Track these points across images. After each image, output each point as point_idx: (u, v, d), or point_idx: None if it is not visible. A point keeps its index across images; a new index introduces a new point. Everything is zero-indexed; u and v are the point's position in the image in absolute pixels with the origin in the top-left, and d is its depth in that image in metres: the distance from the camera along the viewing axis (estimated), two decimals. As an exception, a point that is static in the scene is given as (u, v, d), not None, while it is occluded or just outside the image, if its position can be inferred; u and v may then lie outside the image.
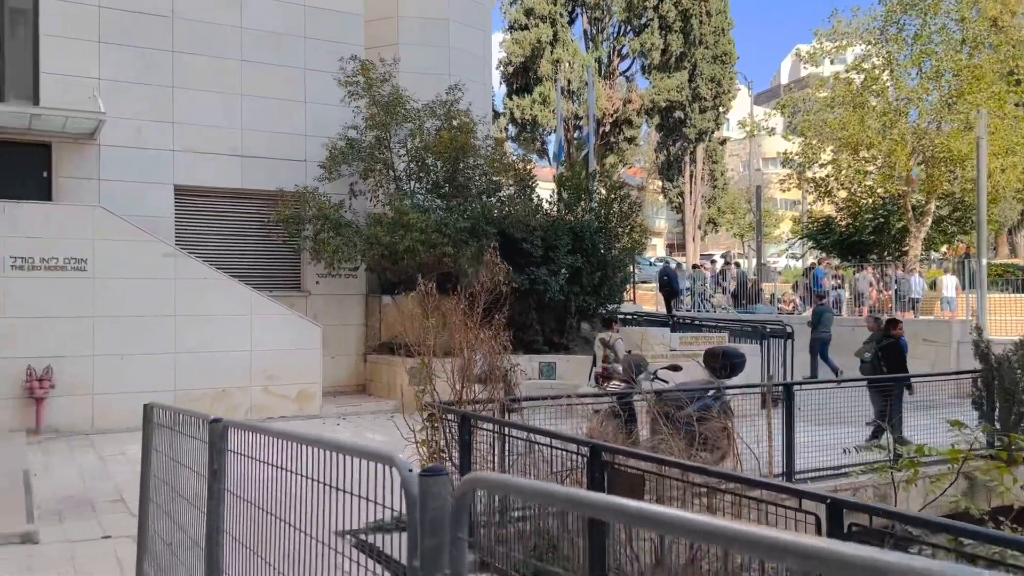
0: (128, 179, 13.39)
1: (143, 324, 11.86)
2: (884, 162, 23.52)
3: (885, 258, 25.00)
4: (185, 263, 12.22)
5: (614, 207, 15.48)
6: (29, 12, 12.70)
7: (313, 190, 13.83)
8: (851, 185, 25.40)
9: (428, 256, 13.06)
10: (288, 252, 14.78)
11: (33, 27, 12.69)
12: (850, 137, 23.21)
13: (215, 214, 14.32)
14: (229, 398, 12.44)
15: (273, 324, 12.83)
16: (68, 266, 11.42)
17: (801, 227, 29.76)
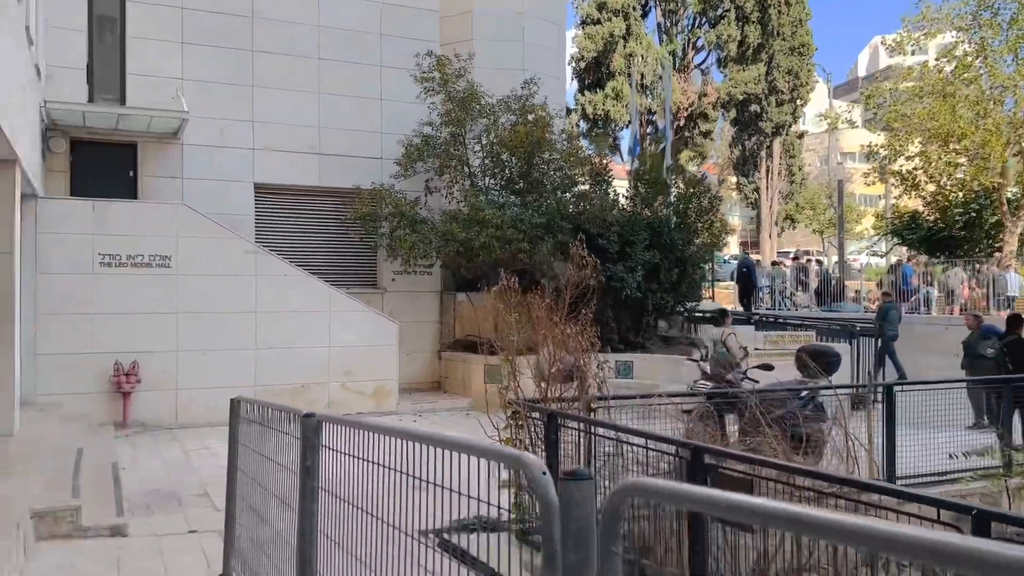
0: (210, 177, 13.61)
1: (225, 320, 12.01)
2: (976, 153, 22.37)
3: (976, 254, 23.78)
4: (266, 260, 12.34)
5: (693, 202, 15.04)
6: (116, 16, 13.02)
7: (389, 187, 13.83)
8: (940, 178, 24.25)
9: (503, 252, 12.89)
10: (365, 249, 14.82)
11: (120, 29, 13.01)
12: (940, 128, 22.15)
13: (294, 212, 14.45)
14: (308, 393, 12.50)
15: (351, 321, 12.85)
16: (153, 263, 11.64)
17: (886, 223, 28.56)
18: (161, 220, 11.70)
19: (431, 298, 15.23)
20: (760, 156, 38.05)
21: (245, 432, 5.37)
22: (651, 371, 14.20)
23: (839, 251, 28.01)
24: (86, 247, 11.27)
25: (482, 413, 13.49)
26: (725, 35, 32.21)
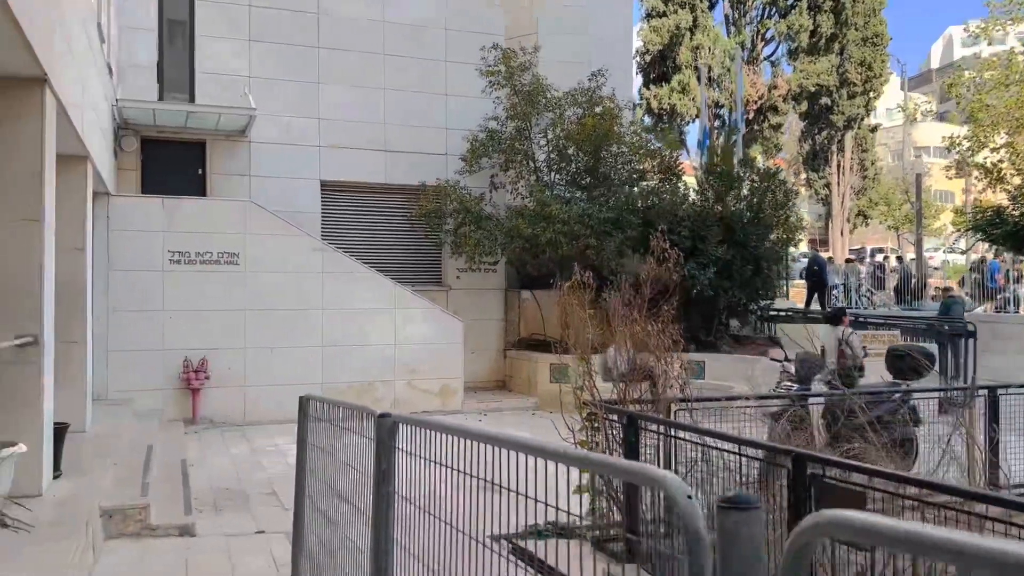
0: (276, 175, 13.63)
1: (291, 317, 11.97)
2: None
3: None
4: (332, 257, 12.26)
5: (767, 196, 14.46)
6: (185, 15, 13.12)
7: (454, 183, 13.64)
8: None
9: (570, 248, 12.57)
10: (429, 246, 14.67)
11: (189, 28, 13.11)
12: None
13: (359, 209, 14.39)
14: (373, 392, 12.39)
15: (416, 318, 12.70)
16: (221, 260, 11.66)
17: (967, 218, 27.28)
18: (229, 217, 11.72)
19: (495, 296, 15.00)
20: (831, 151, 36.84)
21: (314, 431, 5.18)
22: (723, 372, 13.69)
23: (917, 248, 26.86)
24: (156, 244, 11.35)
25: (548, 412, 13.21)
26: (797, 25, 31.19)
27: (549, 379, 13.29)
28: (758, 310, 15.68)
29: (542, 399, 13.33)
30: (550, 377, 13.29)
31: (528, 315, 14.99)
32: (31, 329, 5.40)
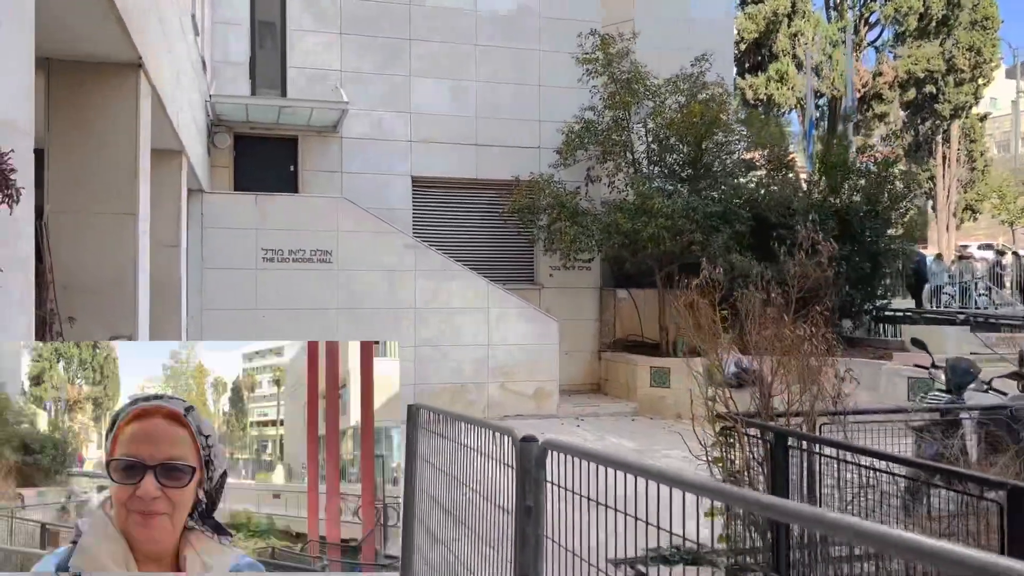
0: (367, 171, 13.35)
1: (383, 316, 11.64)
2: None
3: None
4: (425, 255, 11.87)
5: (886, 187, 13.40)
6: (277, 10, 12.95)
7: (548, 177, 13.08)
8: None
9: (673, 244, 11.84)
10: (522, 243, 14.15)
11: (280, 23, 12.92)
12: None
13: (450, 205, 13.98)
14: (465, 394, 11.96)
15: (510, 318, 12.20)
16: (314, 258, 11.40)
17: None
18: (322, 214, 11.45)
19: (590, 295, 14.37)
20: (935, 141, 34.78)
21: (425, 444, 4.70)
22: (838, 376, 12.71)
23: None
24: (250, 242, 11.16)
25: (648, 418, 12.54)
26: (905, 7, 29.44)
27: (649, 383, 12.61)
28: (873, 310, 14.61)
29: (641, 404, 12.65)
30: (650, 381, 12.61)
31: (624, 315, 14.32)
32: (125, 328, 5.08)
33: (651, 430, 11.26)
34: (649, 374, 12.63)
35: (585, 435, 10.83)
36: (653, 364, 12.63)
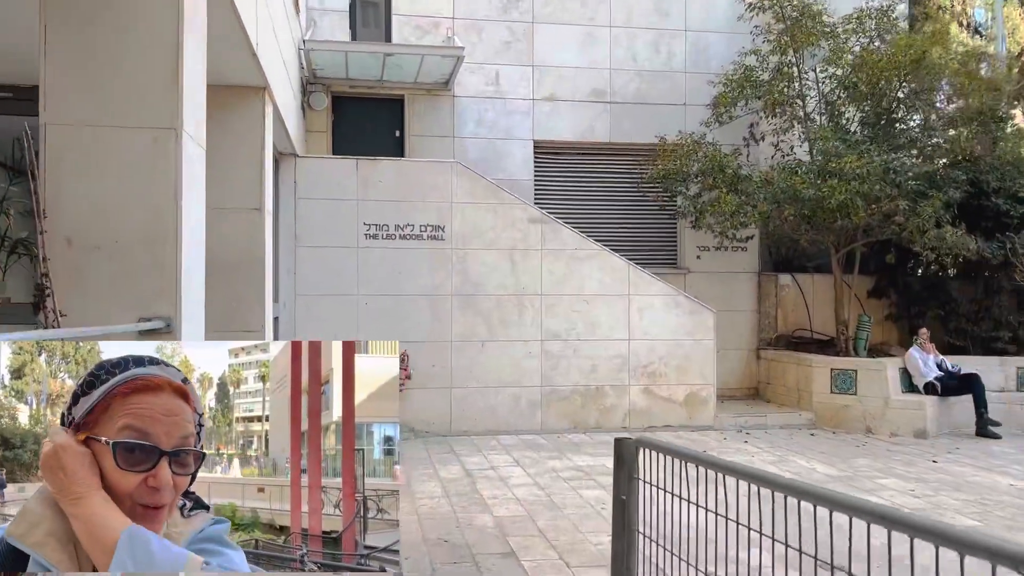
0: (483, 135, 11.44)
1: (505, 304, 9.70)
2: None
3: None
4: (554, 231, 9.86)
5: None
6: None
7: (700, 137, 10.82)
8: None
9: (868, 215, 9.42)
10: (662, 219, 11.96)
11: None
12: None
13: (577, 174, 11.91)
14: (602, 399, 9.89)
15: (656, 307, 10.05)
16: (424, 234, 9.56)
17: None
18: (433, 182, 9.60)
19: (746, 281, 12.04)
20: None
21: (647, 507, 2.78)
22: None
23: None
24: (349, 215, 9.42)
25: (831, 432, 10.16)
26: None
27: (829, 388, 10.23)
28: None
29: (818, 414, 10.29)
30: (831, 386, 10.22)
31: (788, 306, 11.93)
32: (161, 308, 3.24)
33: (840, 448, 8.92)
34: (829, 378, 10.24)
35: (756, 453, 8.58)
36: (835, 365, 10.24)
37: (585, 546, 5.46)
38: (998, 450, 8.87)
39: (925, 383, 10.06)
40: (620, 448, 2.98)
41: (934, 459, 8.34)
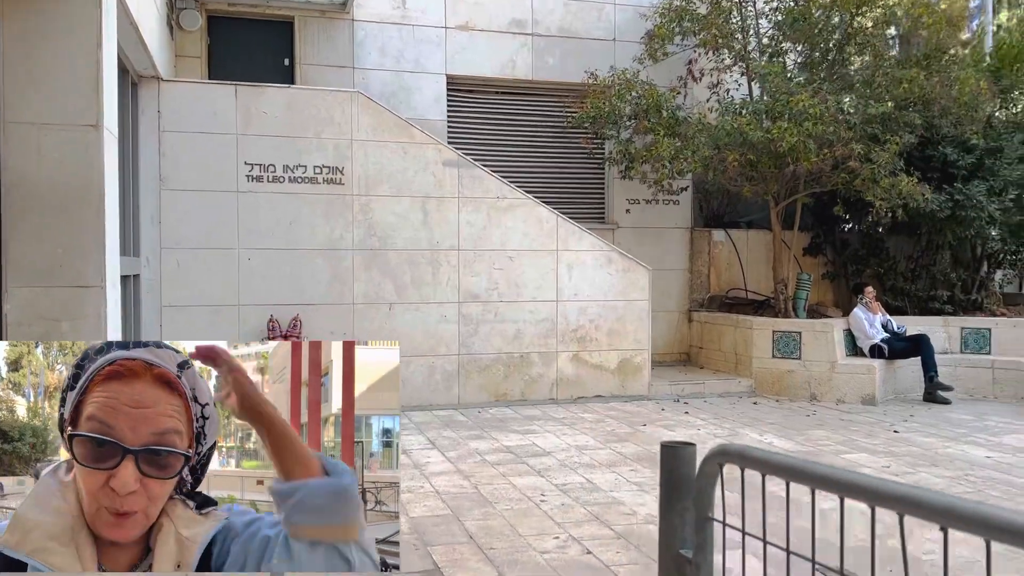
0: (387, 67, 9.96)
1: (416, 261, 8.36)
2: None
3: None
4: (473, 177, 8.55)
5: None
6: None
7: (633, 75, 9.68)
8: None
9: (820, 159, 8.52)
10: (589, 169, 10.83)
11: None
12: None
13: (495, 115, 10.59)
14: (528, 368, 8.72)
15: (586, 265, 8.93)
16: (319, 177, 8.09)
17: None
18: (330, 115, 8.10)
19: (678, 237, 11.07)
20: None
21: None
22: (1014, 344, 9.54)
23: None
24: (227, 153, 7.83)
25: (775, 399, 9.31)
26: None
27: (772, 352, 9.39)
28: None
29: (759, 380, 9.46)
30: (773, 350, 9.38)
31: (721, 264, 11.05)
32: None
33: (791, 418, 8.07)
34: (771, 341, 9.40)
35: (702, 426, 7.62)
36: (778, 328, 9.40)
37: (529, 555, 4.28)
38: (955, 417, 8.21)
39: (871, 345, 9.36)
40: (675, 462, 1.71)
41: (894, 429, 7.58)
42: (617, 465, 6.17)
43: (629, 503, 5.20)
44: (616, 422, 7.81)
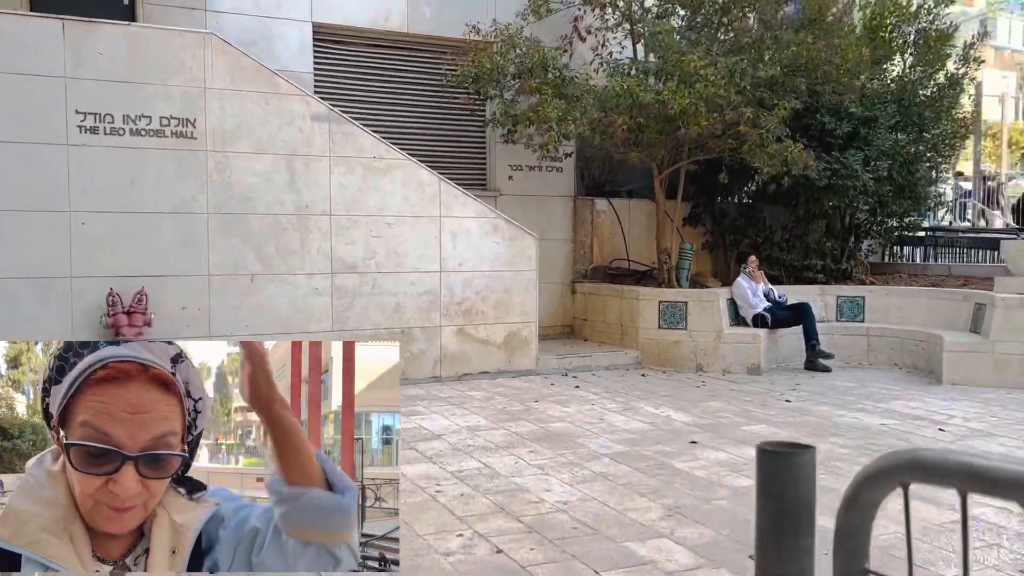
0: (245, 10, 8.92)
1: (282, 226, 7.49)
2: None
3: None
4: (346, 134, 7.74)
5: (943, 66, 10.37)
6: None
7: (517, 30, 9.10)
8: None
9: (710, 123, 8.27)
10: (470, 132, 10.21)
11: None
12: None
13: (367, 71, 9.75)
14: (409, 344, 8.06)
15: (472, 232, 8.34)
16: (167, 129, 7.05)
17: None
18: (179, 59, 7.06)
19: (561, 206, 10.64)
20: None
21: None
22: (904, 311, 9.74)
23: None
24: (54, 99, 6.67)
25: (661, 371, 9.08)
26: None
27: (658, 323, 9.15)
28: (897, 229, 11.73)
29: (645, 351, 9.22)
30: (659, 321, 9.15)
31: (604, 234, 10.74)
32: None
33: (682, 390, 7.83)
34: (658, 312, 9.15)
35: (595, 401, 7.24)
36: (664, 298, 9.16)
37: (432, 558, 3.68)
38: (839, 384, 8.23)
39: (754, 315, 9.30)
40: (788, 474, 1.12)
41: (786, 399, 7.47)
42: (515, 447, 5.65)
43: (534, 489, 4.69)
44: (506, 399, 7.30)
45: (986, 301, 8.34)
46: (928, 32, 10.34)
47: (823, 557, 1.18)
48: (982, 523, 4.08)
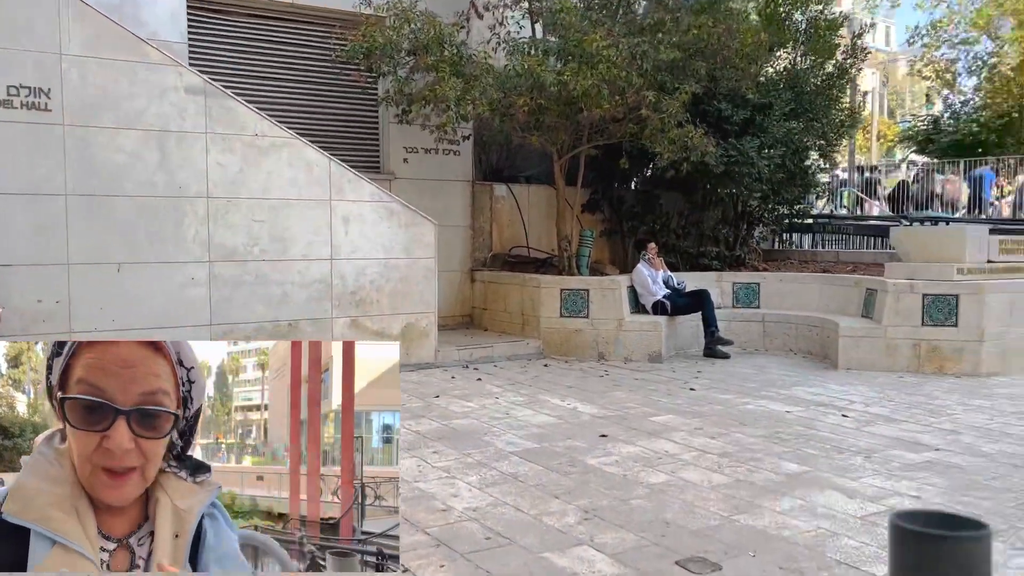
0: (110, -28, 8.06)
1: (154, 210, 6.78)
2: None
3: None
4: (225, 109, 7.08)
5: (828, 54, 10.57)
6: None
7: (411, 4, 8.62)
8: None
9: (612, 106, 8.06)
10: (362, 112, 9.66)
11: None
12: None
13: (248, 43, 9.05)
14: (297, 337, 7.49)
15: (365, 217, 7.84)
16: (16, 100, 6.23)
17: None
18: (30, 19, 6.24)
19: (458, 191, 10.24)
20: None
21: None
22: (798, 297, 9.87)
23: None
24: None
25: (564, 361, 8.84)
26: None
27: (559, 312, 8.93)
28: (788, 216, 11.98)
29: (547, 340, 8.98)
30: (560, 309, 8.92)
31: (503, 221, 10.43)
32: None
33: (586, 381, 7.62)
34: (559, 300, 8.92)
35: (500, 394, 6.92)
36: (565, 286, 8.93)
37: None
38: (739, 371, 8.22)
39: (654, 302, 9.20)
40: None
41: (690, 387, 7.36)
42: (416, 447, 5.25)
43: (440, 496, 4.31)
44: (405, 395, 6.87)
45: (877, 287, 8.52)
46: (818, 20, 10.52)
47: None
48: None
